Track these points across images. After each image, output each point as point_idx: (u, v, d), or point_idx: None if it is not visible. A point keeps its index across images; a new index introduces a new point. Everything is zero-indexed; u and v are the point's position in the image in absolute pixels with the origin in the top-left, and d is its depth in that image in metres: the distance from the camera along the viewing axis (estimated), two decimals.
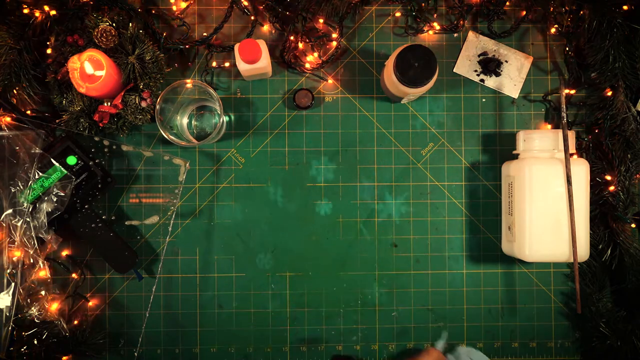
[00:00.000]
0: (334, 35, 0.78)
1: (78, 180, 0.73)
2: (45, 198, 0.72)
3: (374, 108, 0.80)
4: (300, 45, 0.78)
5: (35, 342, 0.73)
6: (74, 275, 0.77)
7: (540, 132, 0.74)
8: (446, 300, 0.80)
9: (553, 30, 0.79)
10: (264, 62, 0.73)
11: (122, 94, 0.72)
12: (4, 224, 0.71)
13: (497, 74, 0.80)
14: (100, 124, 0.73)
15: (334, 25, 0.78)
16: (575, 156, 0.75)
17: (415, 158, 0.80)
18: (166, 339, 0.79)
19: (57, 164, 0.72)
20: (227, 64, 0.79)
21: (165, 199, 0.79)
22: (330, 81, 0.79)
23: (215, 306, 0.79)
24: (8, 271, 0.72)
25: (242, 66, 0.73)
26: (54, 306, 0.74)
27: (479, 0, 0.78)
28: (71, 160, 0.73)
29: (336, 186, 0.79)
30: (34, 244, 0.72)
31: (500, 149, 0.80)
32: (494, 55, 0.79)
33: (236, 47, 0.72)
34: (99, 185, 0.75)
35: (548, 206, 0.72)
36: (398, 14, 0.79)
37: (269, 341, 0.79)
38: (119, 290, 0.79)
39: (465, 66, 0.80)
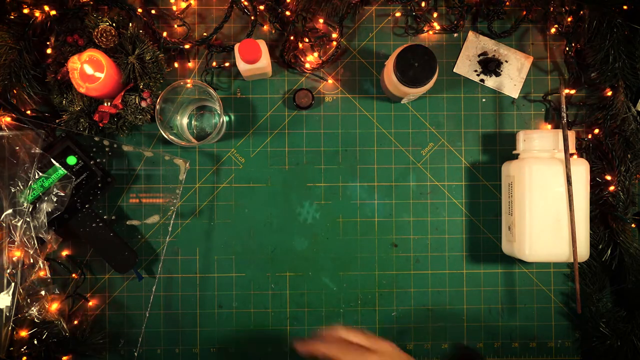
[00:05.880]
0: (334, 35, 0.78)
1: (78, 180, 0.73)
2: (45, 198, 0.72)
3: (374, 108, 0.80)
4: (300, 45, 0.78)
5: (35, 342, 0.73)
6: (74, 275, 0.77)
7: (540, 132, 0.74)
8: (446, 300, 0.80)
9: (553, 30, 0.79)
10: (264, 62, 0.73)
11: (122, 94, 0.72)
12: (4, 224, 0.71)
13: (497, 74, 0.80)
14: (100, 124, 0.73)
15: (334, 25, 0.78)
16: (575, 156, 0.75)
17: (415, 158, 0.80)
18: (166, 339, 0.79)
19: (57, 164, 0.72)
20: (227, 64, 0.79)
21: (165, 199, 0.79)
22: (330, 81, 0.79)
23: (215, 306, 0.79)
24: (8, 271, 0.72)
25: (242, 66, 0.73)
26: (54, 306, 0.74)
27: (479, 0, 0.78)
28: (71, 160, 0.73)
29: (336, 186, 0.79)
30: (34, 244, 0.72)
31: (500, 149, 0.80)
32: (494, 55, 0.79)
33: (236, 47, 0.72)
34: (99, 185, 0.75)
35: (548, 206, 0.72)
36: (398, 14, 0.79)
37: (269, 341, 0.79)
38: (119, 290, 0.79)
39: (465, 66, 0.80)
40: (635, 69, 0.74)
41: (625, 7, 0.74)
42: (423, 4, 0.78)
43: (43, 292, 0.74)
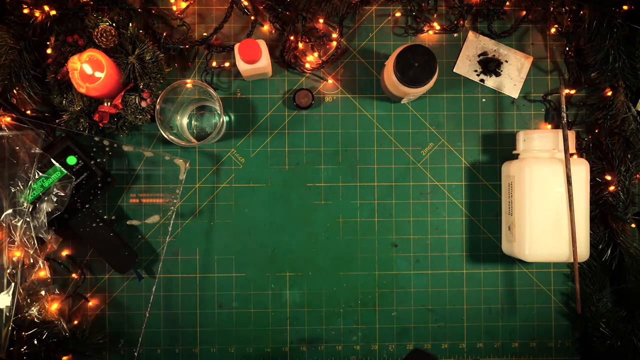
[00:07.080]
0: (334, 35, 0.78)
1: (78, 180, 0.73)
2: (45, 198, 0.72)
3: (374, 108, 0.80)
4: (300, 45, 0.78)
5: (35, 342, 0.73)
6: (74, 275, 0.77)
7: (540, 132, 0.74)
8: (446, 300, 0.80)
9: (553, 30, 0.79)
10: (264, 62, 0.73)
11: (122, 94, 0.72)
12: (4, 224, 0.71)
13: (497, 74, 0.80)
14: (100, 124, 0.73)
15: (334, 25, 0.78)
16: (575, 156, 0.75)
17: (415, 158, 0.80)
18: (166, 339, 0.79)
19: (57, 164, 0.72)
20: (227, 64, 0.79)
21: (165, 199, 0.79)
22: (330, 81, 0.79)
23: (215, 306, 0.79)
24: (8, 271, 0.72)
25: (242, 66, 0.73)
26: (54, 306, 0.74)
27: (479, 0, 0.78)
28: (71, 160, 0.73)
29: (336, 186, 0.79)
30: (34, 244, 0.72)
31: (500, 149, 0.80)
32: (494, 55, 0.79)
33: (236, 47, 0.72)
34: (99, 185, 0.75)
35: (548, 206, 0.72)
36: (398, 14, 0.79)
37: (269, 341, 0.79)
38: (119, 290, 0.79)
39: (465, 66, 0.80)
40: (635, 69, 0.74)
41: (625, 7, 0.74)
42: (423, 4, 0.78)
43: (43, 292, 0.74)
